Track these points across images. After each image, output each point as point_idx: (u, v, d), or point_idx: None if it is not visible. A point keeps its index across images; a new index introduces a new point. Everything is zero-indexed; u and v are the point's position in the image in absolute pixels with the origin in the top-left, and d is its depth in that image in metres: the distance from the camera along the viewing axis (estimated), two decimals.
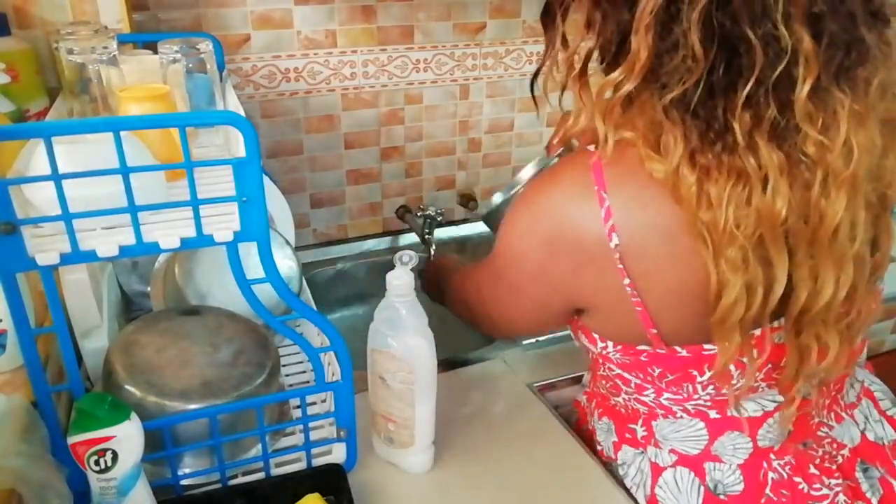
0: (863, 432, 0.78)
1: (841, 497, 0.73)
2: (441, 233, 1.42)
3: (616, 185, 0.60)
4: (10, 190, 0.52)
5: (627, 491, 0.80)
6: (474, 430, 0.88)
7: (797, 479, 0.73)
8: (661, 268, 0.61)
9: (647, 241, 0.60)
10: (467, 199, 1.47)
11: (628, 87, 0.57)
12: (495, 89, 1.41)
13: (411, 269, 0.72)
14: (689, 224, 0.58)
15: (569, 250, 0.63)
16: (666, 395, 0.72)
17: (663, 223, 0.60)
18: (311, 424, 0.75)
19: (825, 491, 0.73)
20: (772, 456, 0.73)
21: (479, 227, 1.50)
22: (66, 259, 0.55)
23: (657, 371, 0.70)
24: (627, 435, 0.80)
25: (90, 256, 0.56)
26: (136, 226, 0.56)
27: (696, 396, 0.71)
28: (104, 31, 0.88)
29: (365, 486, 0.77)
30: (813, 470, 0.74)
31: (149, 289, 0.89)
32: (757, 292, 0.58)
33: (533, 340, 1.10)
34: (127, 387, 0.68)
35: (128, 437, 0.61)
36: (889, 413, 0.81)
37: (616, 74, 0.57)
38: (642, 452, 0.79)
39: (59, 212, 0.53)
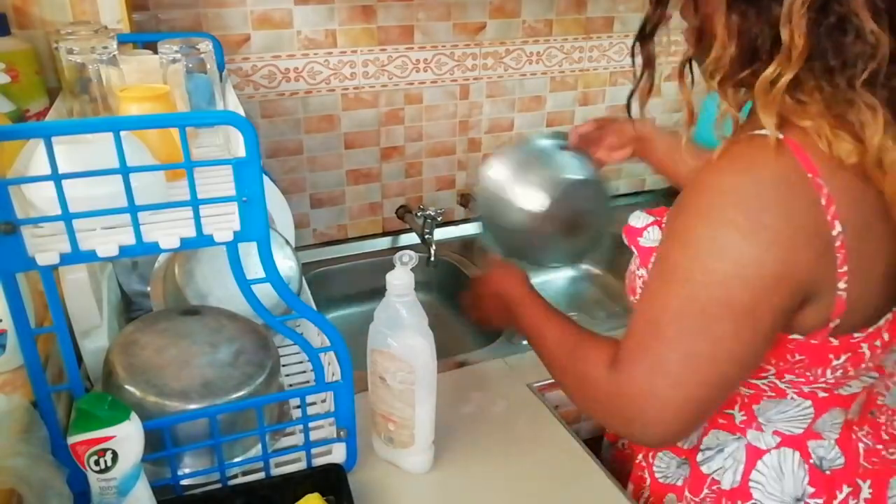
0: None
1: None
2: (441, 233, 1.42)
3: (829, 170, 0.59)
4: (10, 190, 0.52)
5: (626, 484, 0.80)
6: (474, 430, 0.88)
7: (878, 446, 0.76)
8: (871, 254, 0.61)
9: (860, 227, 0.60)
10: (467, 199, 1.47)
11: (788, 76, 0.57)
12: (495, 89, 1.41)
13: (411, 269, 0.72)
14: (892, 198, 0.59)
15: (808, 237, 0.59)
16: (788, 376, 0.69)
17: (870, 206, 0.60)
18: (311, 424, 0.75)
19: None
20: (855, 427, 0.75)
21: (479, 228, 1.51)
22: (66, 259, 0.55)
23: (797, 358, 0.66)
24: (721, 420, 0.76)
25: (90, 256, 0.56)
26: (136, 226, 0.56)
27: (821, 380, 0.69)
28: (104, 31, 0.88)
29: (365, 486, 0.77)
30: (885, 436, 0.76)
31: (149, 289, 0.89)
32: None
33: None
34: (127, 387, 0.68)
35: (128, 437, 0.61)
36: None
37: (772, 69, 0.58)
38: (739, 438, 0.75)
39: (59, 212, 0.53)
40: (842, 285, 0.60)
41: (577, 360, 0.72)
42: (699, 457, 0.78)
